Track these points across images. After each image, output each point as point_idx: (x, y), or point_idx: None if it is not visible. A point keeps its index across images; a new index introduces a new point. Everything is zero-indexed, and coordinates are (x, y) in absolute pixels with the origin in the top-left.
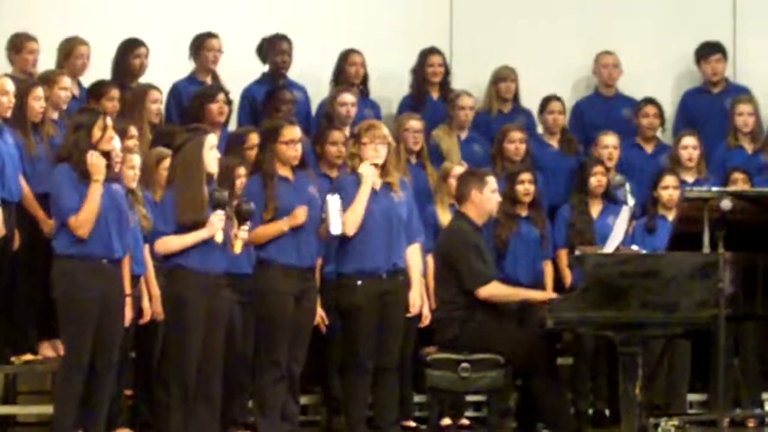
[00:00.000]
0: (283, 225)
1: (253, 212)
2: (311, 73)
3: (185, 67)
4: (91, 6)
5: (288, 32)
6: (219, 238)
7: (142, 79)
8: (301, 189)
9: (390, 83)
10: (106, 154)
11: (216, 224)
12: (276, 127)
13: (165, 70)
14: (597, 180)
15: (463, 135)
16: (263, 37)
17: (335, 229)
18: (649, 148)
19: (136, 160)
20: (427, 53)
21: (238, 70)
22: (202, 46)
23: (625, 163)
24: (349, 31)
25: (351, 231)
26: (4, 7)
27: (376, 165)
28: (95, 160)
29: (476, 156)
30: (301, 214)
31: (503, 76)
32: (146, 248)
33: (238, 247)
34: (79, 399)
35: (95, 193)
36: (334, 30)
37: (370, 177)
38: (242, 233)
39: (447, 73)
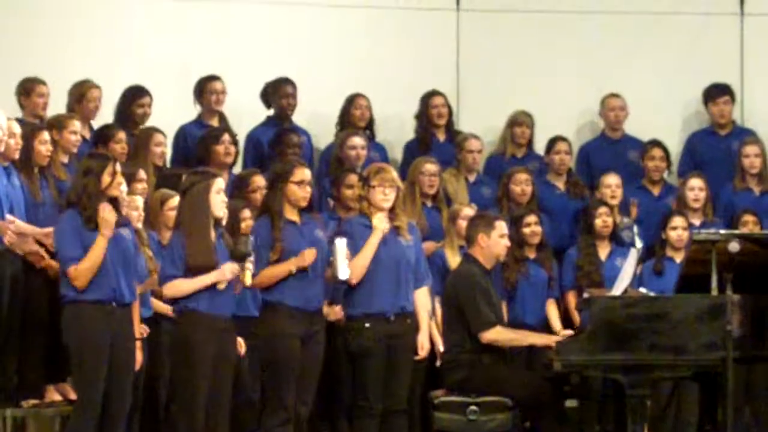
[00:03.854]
0: (290, 265)
1: (250, 252)
2: (316, 117)
3: (191, 110)
4: (98, 49)
5: (293, 76)
6: (222, 286)
7: (147, 124)
8: (308, 232)
9: (394, 127)
10: (115, 200)
11: (227, 274)
12: (288, 168)
13: (171, 113)
14: (602, 221)
15: (471, 177)
16: (266, 82)
17: (342, 274)
18: (655, 191)
19: (138, 201)
20: (429, 96)
21: (246, 114)
22: (204, 89)
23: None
24: (354, 75)
25: (355, 279)
26: (12, 52)
27: (389, 215)
28: (107, 215)
29: (485, 199)
30: (308, 256)
31: (519, 121)
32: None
33: (248, 279)
34: None
35: (100, 246)
36: (340, 74)
37: (381, 229)
38: (249, 264)
39: (451, 114)
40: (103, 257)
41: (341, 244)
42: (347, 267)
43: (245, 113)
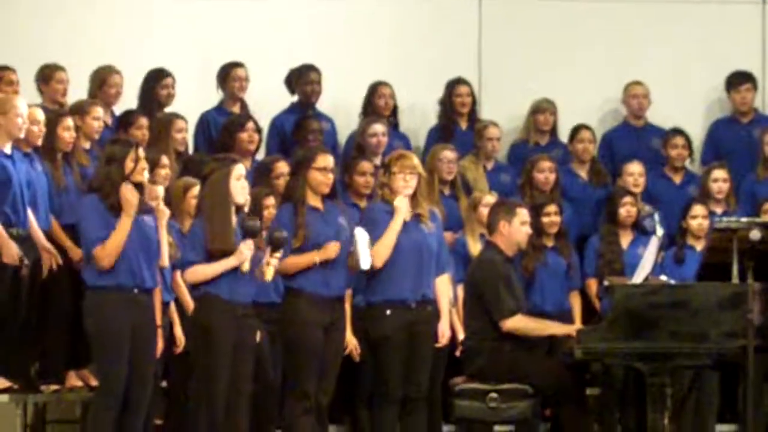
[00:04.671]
0: (314, 257)
1: (287, 240)
2: (340, 105)
3: (213, 97)
4: (120, 36)
5: (317, 64)
6: (246, 267)
7: (170, 109)
8: (331, 219)
9: (417, 115)
10: (139, 186)
11: (245, 253)
12: (310, 155)
13: (193, 100)
14: (626, 210)
15: (490, 165)
16: (291, 69)
17: (364, 263)
18: (677, 179)
19: (160, 190)
20: (454, 84)
21: (267, 101)
22: (228, 75)
23: (654, 193)
24: (377, 63)
25: (379, 263)
26: (30, 38)
27: (410, 197)
28: (129, 195)
29: (504, 186)
30: (332, 250)
31: (542, 108)
32: (177, 273)
33: (269, 274)
34: (112, 429)
35: (125, 226)
36: (362, 61)
37: (403, 211)
38: (274, 260)
39: (474, 103)
40: (126, 238)
41: (362, 233)
42: (369, 256)
43: (266, 100)
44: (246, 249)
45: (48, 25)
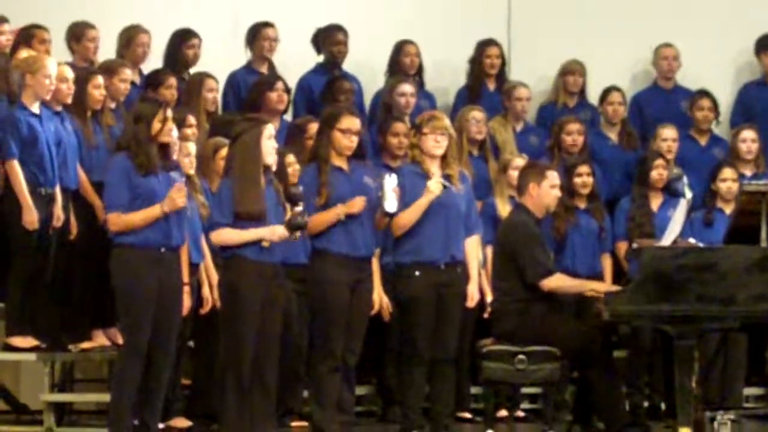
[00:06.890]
0: (339, 211)
1: (303, 194)
2: (365, 64)
3: (240, 56)
4: None
5: (342, 22)
6: (266, 244)
7: (197, 68)
8: (356, 179)
9: (446, 74)
10: (165, 146)
11: (275, 238)
12: (335, 114)
13: (220, 59)
14: (658, 173)
15: (519, 126)
16: (318, 28)
17: (390, 206)
18: (702, 141)
19: (191, 148)
20: (484, 45)
21: (294, 61)
22: (258, 35)
23: (679, 155)
24: (404, 22)
25: (398, 232)
26: None
27: (440, 163)
28: (179, 199)
29: (532, 148)
30: (357, 204)
31: (571, 70)
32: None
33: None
34: (137, 387)
35: (152, 214)
36: (389, 20)
37: (434, 193)
38: (298, 209)
39: (504, 64)
40: (146, 223)
41: (391, 179)
42: (395, 201)
43: (293, 60)
44: (278, 236)
45: None
